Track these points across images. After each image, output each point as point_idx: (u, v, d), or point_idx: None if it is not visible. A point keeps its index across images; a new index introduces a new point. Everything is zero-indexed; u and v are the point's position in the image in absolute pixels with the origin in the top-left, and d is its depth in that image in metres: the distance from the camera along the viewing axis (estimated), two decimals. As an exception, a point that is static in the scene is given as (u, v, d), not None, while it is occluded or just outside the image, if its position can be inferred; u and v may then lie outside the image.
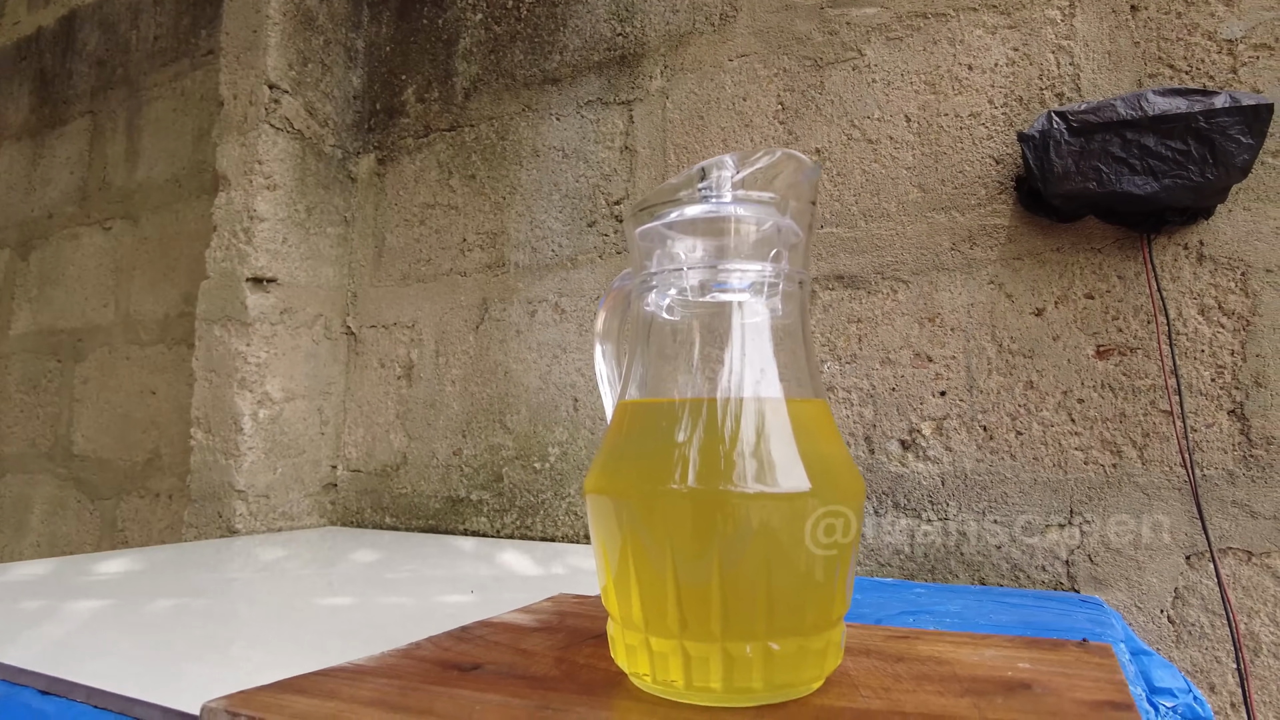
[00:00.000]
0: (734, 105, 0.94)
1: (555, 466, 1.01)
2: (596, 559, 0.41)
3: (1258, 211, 0.71)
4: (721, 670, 0.36)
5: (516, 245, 1.06)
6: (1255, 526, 0.69)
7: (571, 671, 0.42)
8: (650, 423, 0.41)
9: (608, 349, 0.50)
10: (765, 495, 0.36)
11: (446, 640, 0.48)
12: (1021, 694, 0.38)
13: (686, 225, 0.41)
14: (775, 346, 0.40)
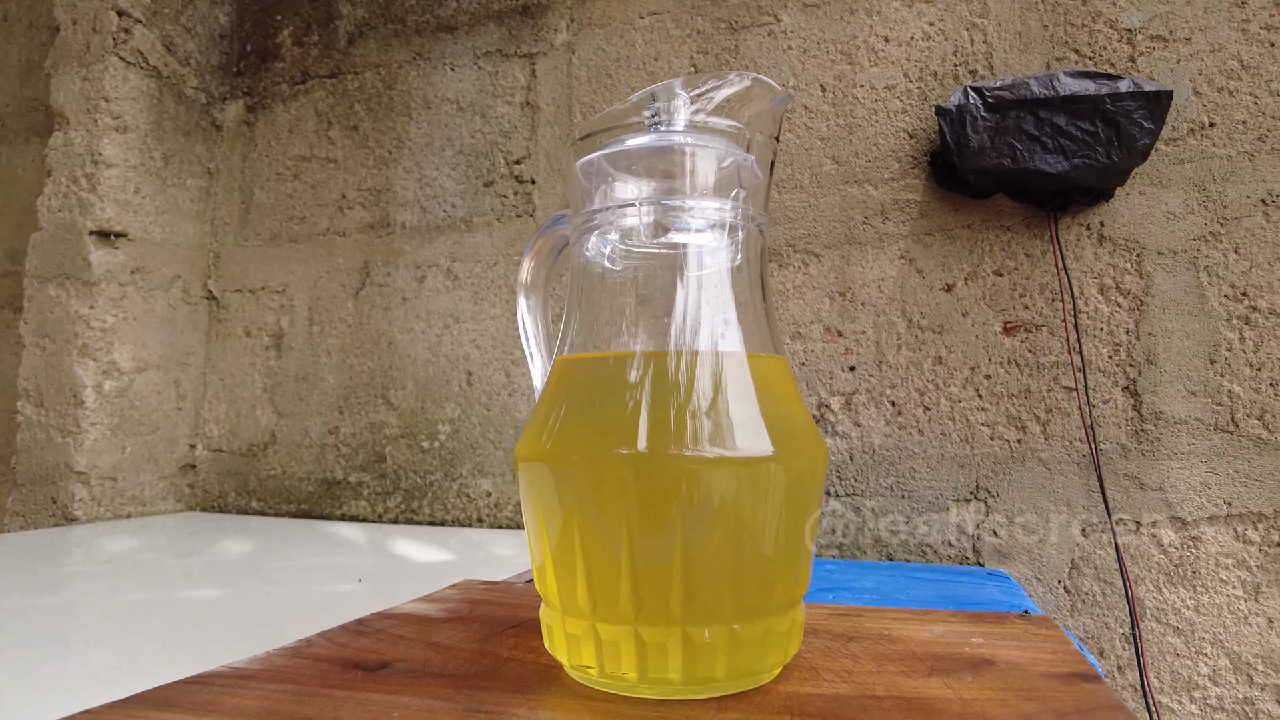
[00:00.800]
0: (644, 65, 0.90)
1: (446, 446, 0.94)
2: (531, 537, 0.36)
3: (1152, 196, 0.74)
4: (681, 658, 0.32)
5: (404, 204, 0.98)
6: (1143, 497, 0.72)
7: (496, 666, 0.37)
8: (596, 381, 0.36)
9: (533, 302, 0.45)
10: (727, 460, 0.32)
11: (342, 635, 0.42)
12: (987, 670, 0.36)
13: (638, 157, 0.37)
14: (735, 296, 0.36)
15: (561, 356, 0.38)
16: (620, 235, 0.37)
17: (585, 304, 0.38)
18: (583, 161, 0.38)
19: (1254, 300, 0.70)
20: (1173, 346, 0.72)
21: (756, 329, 0.36)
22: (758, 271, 0.37)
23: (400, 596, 0.57)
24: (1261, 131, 0.71)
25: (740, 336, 0.35)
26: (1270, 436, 0.69)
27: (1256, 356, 0.70)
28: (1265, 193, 0.71)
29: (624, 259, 0.37)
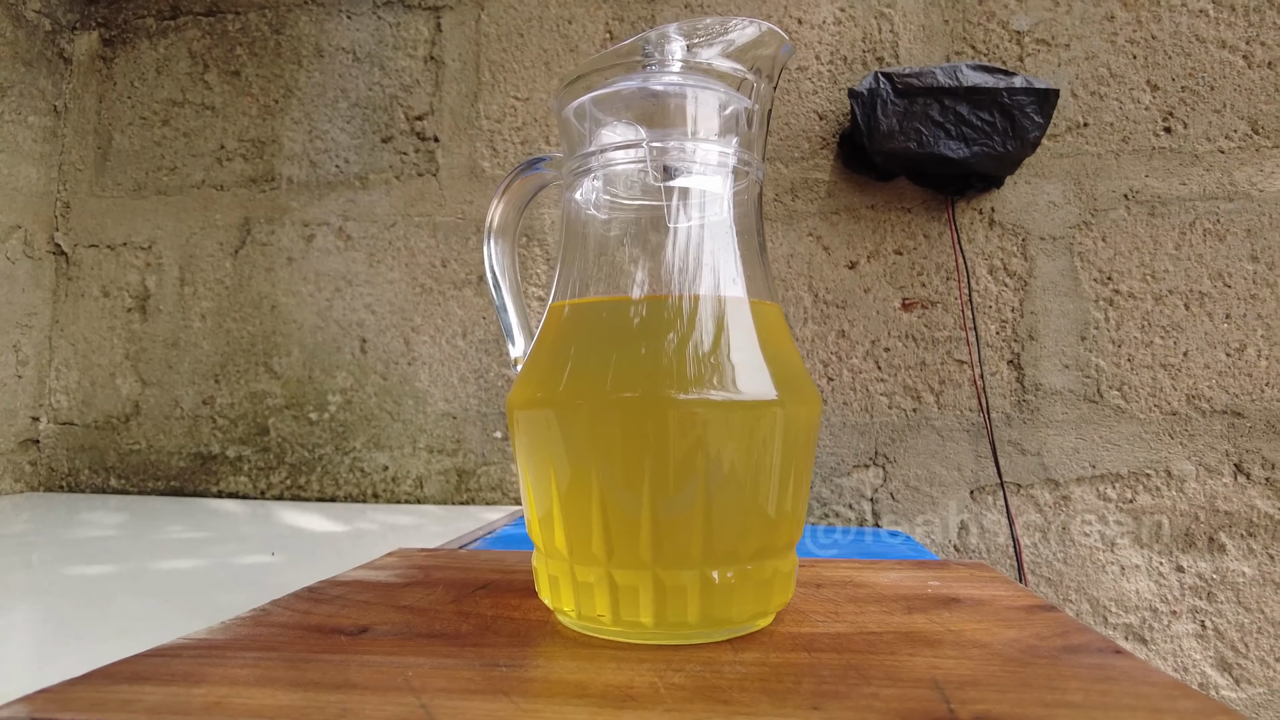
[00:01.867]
0: (558, 27, 0.88)
1: (336, 417, 0.88)
2: (531, 485, 0.34)
3: (1036, 186, 0.80)
4: (699, 600, 0.32)
5: (291, 158, 0.91)
6: (1024, 462, 0.79)
7: (487, 624, 0.35)
8: (599, 326, 0.35)
9: (503, 247, 0.43)
10: (737, 403, 0.32)
11: (298, 603, 0.38)
12: (957, 607, 0.38)
13: (638, 98, 0.36)
14: (736, 242, 0.36)
15: (559, 302, 0.37)
16: (619, 179, 0.37)
17: (581, 249, 0.37)
18: (579, 103, 0.37)
19: (1117, 284, 0.79)
20: (1051, 324, 0.79)
21: (756, 275, 0.36)
22: (755, 219, 0.37)
23: (322, 568, 0.54)
24: (1125, 133, 0.79)
25: (743, 282, 0.35)
26: (1127, 406, 0.78)
27: (1118, 334, 0.78)
28: (1127, 188, 0.79)
29: (622, 203, 0.37)
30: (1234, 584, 0.75)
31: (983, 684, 0.28)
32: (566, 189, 0.38)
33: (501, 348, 0.87)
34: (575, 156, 0.37)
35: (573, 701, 0.26)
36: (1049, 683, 0.28)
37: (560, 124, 0.38)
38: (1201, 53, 0.78)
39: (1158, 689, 0.27)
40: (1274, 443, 0.75)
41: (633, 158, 0.35)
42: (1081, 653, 0.31)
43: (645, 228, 0.36)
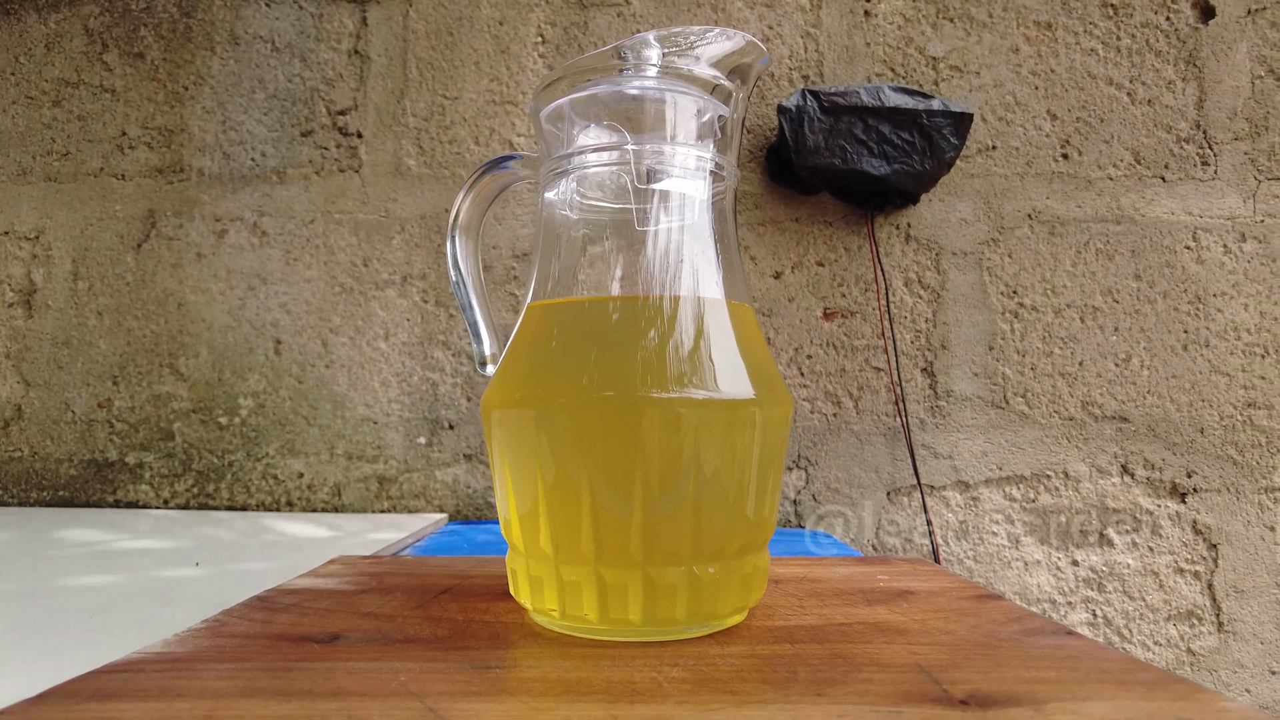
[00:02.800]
0: (490, 28, 0.87)
1: (249, 422, 0.84)
2: (512, 484, 0.34)
3: (949, 204, 0.85)
4: (687, 596, 0.32)
5: (202, 148, 0.86)
6: (937, 464, 0.83)
7: (461, 628, 0.34)
8: (579, 325, 0.35)
9: (468, 246, 0.42)
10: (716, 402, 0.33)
11: (253, 613, 0.36)
12: (913, 599, 0.40)
13: (621, 101, 0.36)
14: (714, 244, 0.37)
15: (537, 302, 0.37)
16: (598, 181, 0.37)
17: (559, 250, 0.37)
18: (558, 104, 0.37)
19: (1021, 298, 0.84)
20: (961, 334, 0.84)
21: (732, 277, 0.37)
22: (731, 222, 0.38)
23: (256, 579, 0.51)
24: (1029, 158, 0.85)
25: (721, 283, 0.36)
26: (1030, 411, 0.83)
27: (1022, 345, 0.84)
28: (1030, 209, 0.85)
29: (601, 205, 0.37)
30: (1120, 575, 0.82)
31: (962, 666, 0.29)
32: (544, 189, 0.38)
33: (427, 351, 0.85)
34: (554, 158, 0.37)
35: (582, 699, 0.26)
36: (1021, 663, 0.30)
37: (536, 125, 0.38)
38: (1093, 88, 0.85)
39: (1116, 664, 0.29)
40: (1154, 445, 0.82)
41: (614, 160, 0.36)
42: (1039, 635, 0.33)
43: (624, 229, 0.36)
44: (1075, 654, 0.31)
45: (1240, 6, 0.86)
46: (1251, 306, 0.83)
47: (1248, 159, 0.85)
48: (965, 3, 0.86)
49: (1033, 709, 0.25)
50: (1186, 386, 0.83)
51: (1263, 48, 0.86)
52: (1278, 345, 0.83)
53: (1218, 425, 0.82)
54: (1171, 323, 0.83)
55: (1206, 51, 0.85)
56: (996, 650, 0.31)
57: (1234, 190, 0.84)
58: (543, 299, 0.36)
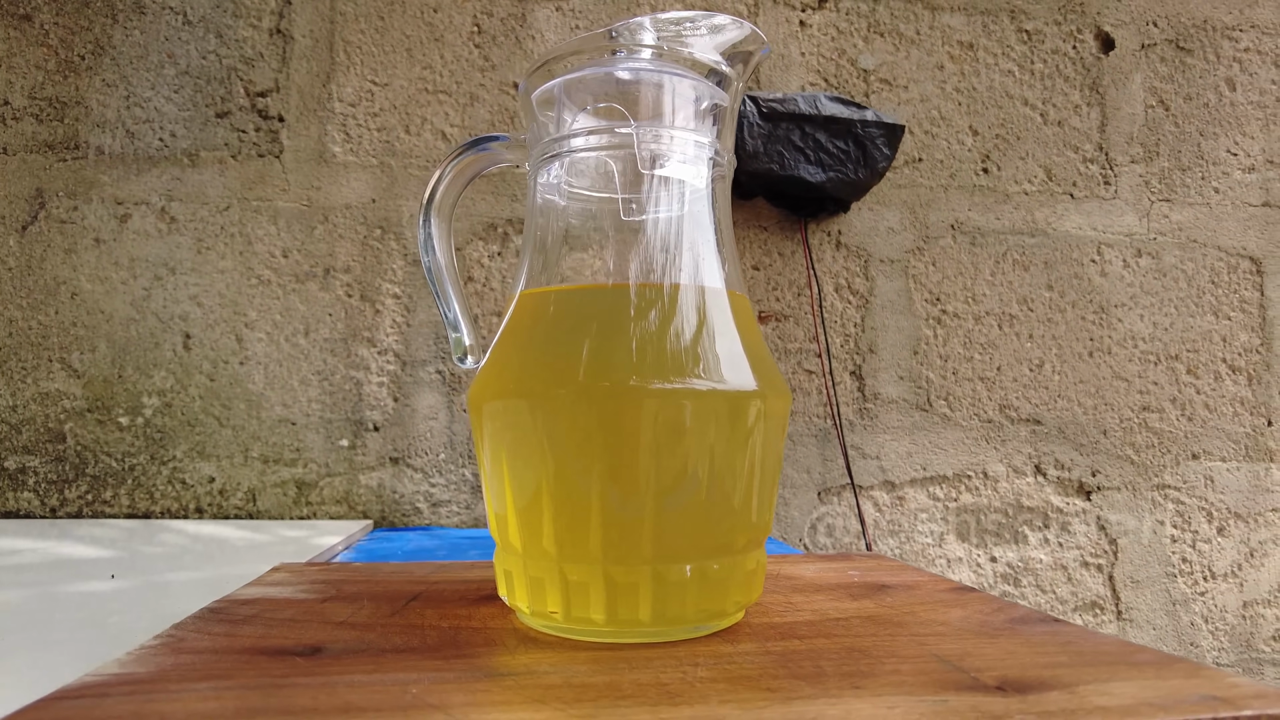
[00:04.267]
0: (423, 15, 0.84)
1: (153, 422, 0.77)
2: (504, 484, 0.32)
3: (878, 212, 0.88)
4: (697, 592, 0.31)
5: (102, 124, 0.79)
6: (865, 465, 0.85)
7: (450, 636, 0.32)
8: (575, 314, 0.34)
9: (442, 228, 0.40)
10: (720, 393, 0.32)
11: (211, 626, 0.33)
12: (894, 592, 0.41)
13: (619, 84, 0.35)
14: (713, 233, 0.36)
15: (529, 290, 0.35)
16: (594, 165, 0.35)
17: (553, 237, 0.36)
18: (552, 85, 0.35)
19: (944, 305, 0.88)
20: (888, 339, 0.87)
21: (730, 266, 0.36)
22: (727, 211, 0.38)
23: (185, 591, 0.47)
24: (952, 170, 0.89)
25: (720, 272, 0.35)
26: (952, 414, 0.87)
27: (944, 350, 0.87)
28: (953, 219, 0.89)
29: (597, 191, 0.36)
30: (1034, 569, 0.86)
31: (975, 655, 0.30)
32: (536, 173, 0.36)
33: (351, 348, 0.80)
34: (548, 140, 0.35)
35: (621, 702, 0.24)
36: (1027, 650, 0.30)
37: (527, 107, 0.37)
38: (1010, 107, 0.90)
39: (1115, 646, 0.30)
40: (1064, 446, 0.87)
41: (615, 143, 0.34)
42: (1029, 623, 0.34)
43: (622, 216, 0.35)
44: (1073, 639, 0.32)
45: (1135, 41, 0.93)
46: (1146, 317, 0.90)
47: (1142, 181, 0.91)
48: (895, 19, 0.89)
49: (1067, 692, 0.25)
50: (1092, 391, 0.88)
51: (1154, 80, 0.93)
52: (1168, 353, 0.90)
53: (1118, 427, 0.88)
54: (1079, 331, 0.88)
55: (1107, 80, 0.92)
56: (999, 639, 0.32)
57: (1131, 209, 0.91)
58: (537, 286, 0.35)
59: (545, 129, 0.36)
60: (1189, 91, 0.93)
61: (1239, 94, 0.94)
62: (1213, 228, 0.92)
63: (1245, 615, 0.90)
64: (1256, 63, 0.94)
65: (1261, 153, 0.94)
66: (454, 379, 0.81)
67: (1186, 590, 0.89)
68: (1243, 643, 0.89)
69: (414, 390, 0.81)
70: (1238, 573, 0.90)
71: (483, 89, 0.84)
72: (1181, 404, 0.90)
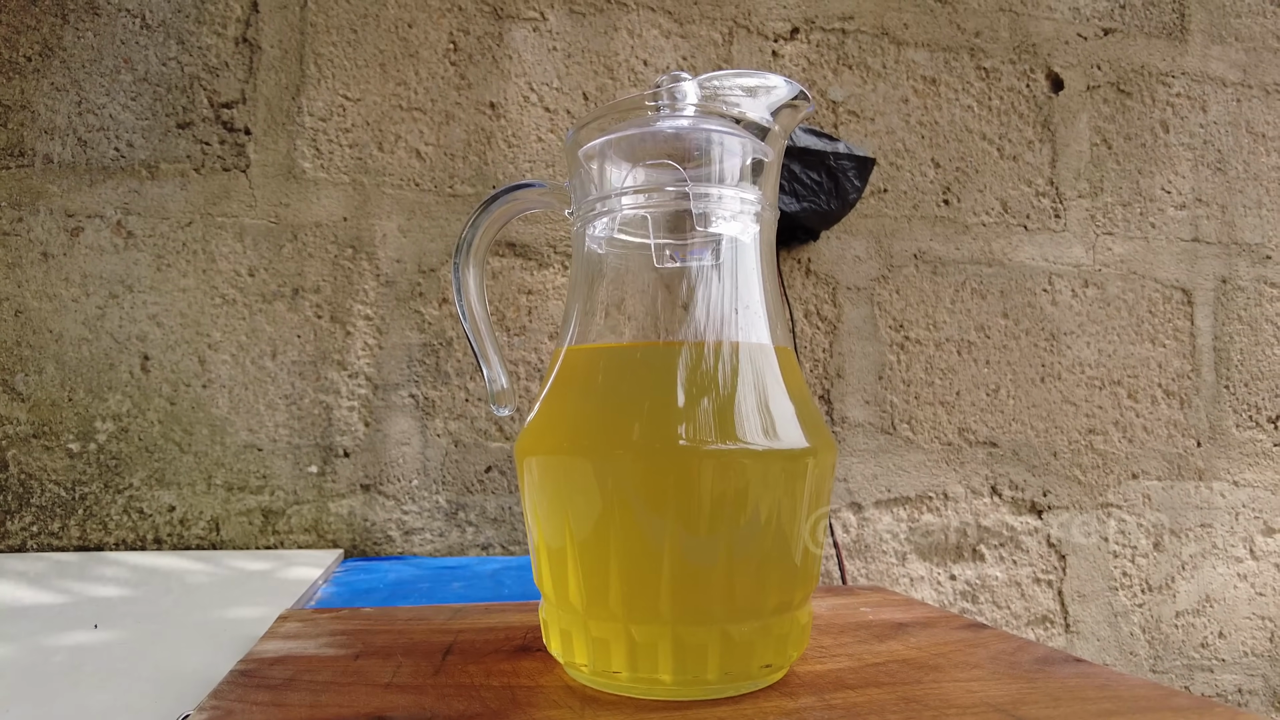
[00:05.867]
0: (397, 29, 0.82)
1: (108, 448, 0.73)
2: (560, 541, 0.32)
3: (845, 241, 0.90)
4: (760, 649, 0.32)
5: (50, 131, 0.75)
6: (834, 487, 0.87)
7: (511, 695, 0.32)
8: (627, 371, 0.34)
9: (474, 274, 0.40)
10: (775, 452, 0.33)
11: (253, 694, 0.32)
12: (915, 631, 0.42)
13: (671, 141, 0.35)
14: (760, 288, 0.36)
15: (578, 346, 0.35)
16: (642, 221, 0.36)
17: (602, 291, 0.36)
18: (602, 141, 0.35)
19: (907, 331, 0.91)
20: (855, 364, 0.89)
21: (777, 321, 0.37)
22: (772, 264, 0.38)
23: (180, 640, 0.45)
24: (915, 201, 0.92)
25: (768, 328, 0.36)
26: (915, 437, 0.90)
27: (907, 375, 0.90)
28: (916, 249, 0.92)
29: (648, 245, 0.36)
30: (990, 586, 0.90)
31: (1024, 702, 0.31)
32: (581, 228, 0.36)
33: (320, 371, 0.78)
34: (597, 196, 0.35)
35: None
36: (1070, 695, 0.32)
37: (573, 160, 0.36)
38: (969, 141, 0.94)
39: (1149, 690, 0.32)
40: (1018, 468, 0.92)
41: (668, 200, 0.35)
42: (1054, 664, 0.36)
43: (671, 272, 0.35)
44: (1106, 682, 0.33)
45: (1082, 82, 0.98)
46: (1092, 344, 0.95)
47: (1089, 215, 0.97)
48: (863, 52, 0.92)
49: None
50: (1043, 415, 0.93)
51: (1098, 119, 0.98)
52: (1112, 379, 0.95)
53: (1067, 449, 0.93)
54: (1032, 357, 0.93)
55: (1058, 118, 0.97)
56: (1037, 682, 0.33)
57: (1079, 241, 0.96)
58: (587, 342, 0.35)
59: (591, 180, 0.36)
60: (1129, 131, 0.99)
61: (1172, 135, 1.00)
62: (1150, 260, 0.98)
63: (1178, 624, 0.96)
64: (1186, 107, 1.01)
65: (1191, 190, 1.00)
66: (427, 403, 0.80)
67: (1127, 602, 0.94)
68: (1175, 650, 0.95)
69: (386, 415, 0.79)
70: (1171, 585, 0.96)
71: (458, 107, 0.83)
72: (1123, 426, 0.95)
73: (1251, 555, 0.98)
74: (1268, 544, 0.99)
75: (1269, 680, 0.98)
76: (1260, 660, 0.98)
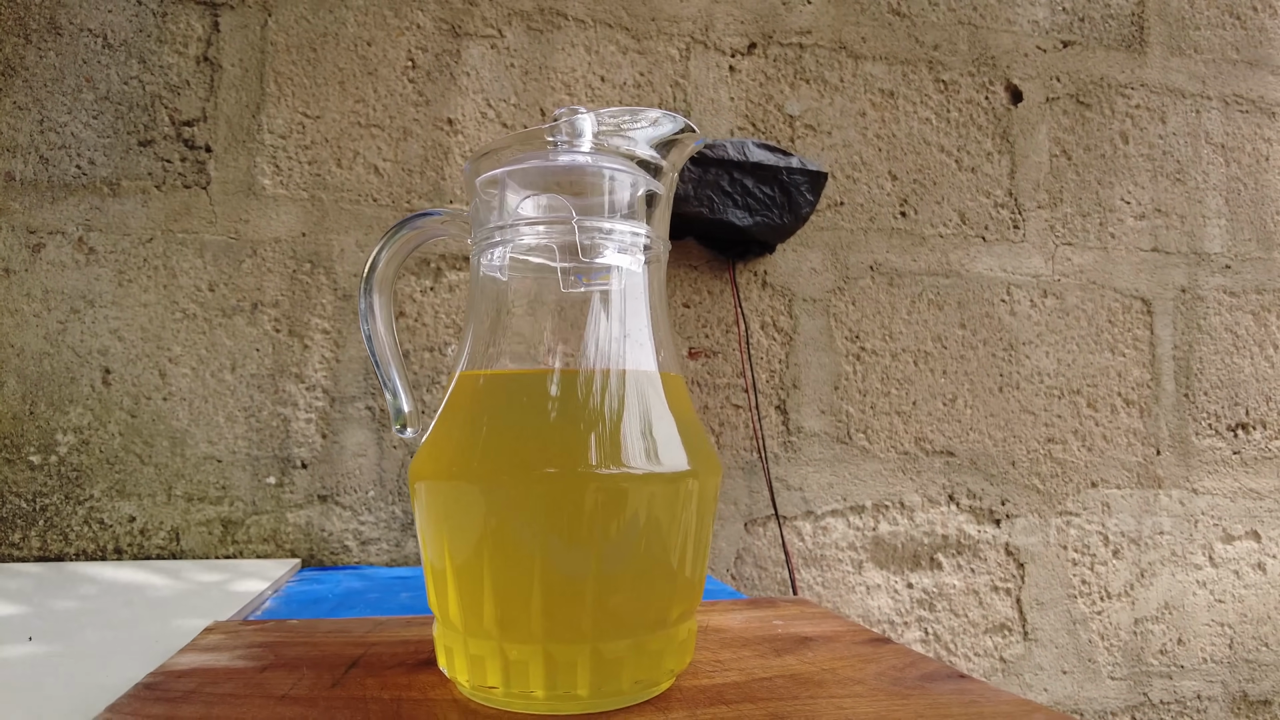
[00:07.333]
0: (356, 48, 0.83)
1: (69, 460, 0.75)
2: (445, 564, 0.33)
3: (800, 254, 0.92)
4: (632, 666, 0.33)
5: (12, 149, 0.76)
6: (789, 496, 0.89)
7: (394, 710, 0.33)
8: (515, 397, 0.35)
9: (381, 301, 0.41)
10: (656, 476, 0.34)
11: (149, 707, 0.33)
12: (815, 645, 0.43)
13: (563, 175, 0.37)
14: (647, 316, 0.38)
15: (472, 371, 0.36)
16: (535, 252, 0.37)
17: (494, 319, 0.37)
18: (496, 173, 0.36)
19: (863, 342, 0.92)
20: (811, 375, 0.90)
21: (665, 348, 0.38)
22: (662, 293, 0.40)
23: (112, 657, 0.46)
24: (872, 214, 0.93)
25: (654, 356, 0.37)
26: (870, 446, 0.91)
27: (863, 385, 0.91)
28: (872, 261, 0.93)
29: (537, 275, 0.37)
30: (948, 595, 0.91)
31: (887, 718, 0.32)
32: (479, 255, 0.37)
33: (278, 384, 0.79)
34: (490, 226, 0.37)
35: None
36: (935, 711, 0.33)
37: (470, 189, 0.38)
38: (927, 153, 0.95)
39: (1012, 705, 0.33)
40: (976, 477, 0.92)
41: (555, 233, 0.36)
42: (937, 680, 0.37)
43: (560, 301, 0.36)
44: (976, 699, 0.34)
45: (1041, 94, 0.99)
46: (1051, 354, 0.96)
47: (1048, 225, 0.97)
48: (820, 66, 0.93)
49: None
50: (1001, 424, 0.93)
51: (1058, 131, 0.99)
52: (1071, 388, 0.96)
53: (1025, 458, 0.94)
54: (990, 367, 0.94)
55: (1016, 130, 0.98)
56: (910, 699, 0.34)
57: (1038, 252, 0.97)
58: (480, 368, 0.36)
59: (487, 209, 0.37)
60: (1088, 142, 1.00)
61: (1131, 146, 1.01)
62: (1109, 270, 0.99)
63: (1136, 631, 0.96)
64: (1146, 118, 1.01)
65: (1150, 201, 1.01)
66: (383, 415, 0.81)
67: (1085, 610, 0.95)
68: (1134, 657, 0.96)
69: (343, 427, 0.80)
70: (1130, 592, 0.97)
71: (416, 124, 0.84)
72: (1082, 435, 0.96)
73: (1211, 562, 0.99)
74: (1227, 551, 1.00)
75: (1228, 686, 0.98)
76: (1219, 667, 0.98)
